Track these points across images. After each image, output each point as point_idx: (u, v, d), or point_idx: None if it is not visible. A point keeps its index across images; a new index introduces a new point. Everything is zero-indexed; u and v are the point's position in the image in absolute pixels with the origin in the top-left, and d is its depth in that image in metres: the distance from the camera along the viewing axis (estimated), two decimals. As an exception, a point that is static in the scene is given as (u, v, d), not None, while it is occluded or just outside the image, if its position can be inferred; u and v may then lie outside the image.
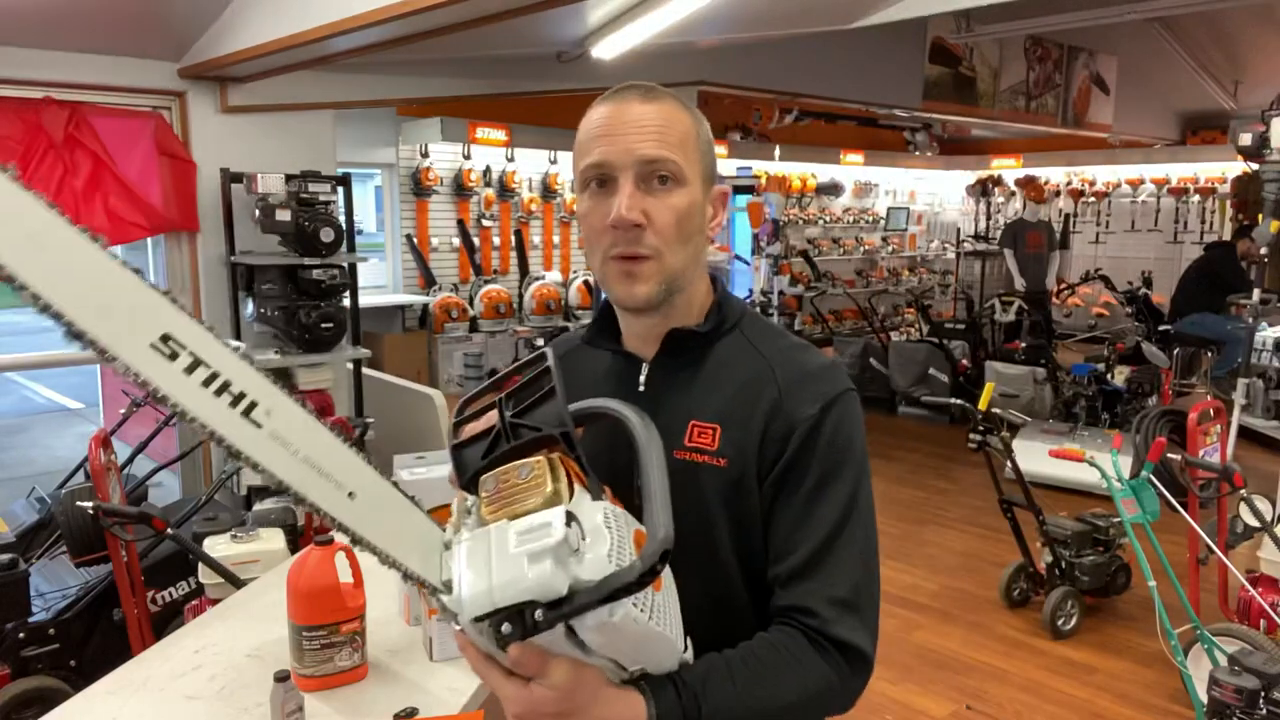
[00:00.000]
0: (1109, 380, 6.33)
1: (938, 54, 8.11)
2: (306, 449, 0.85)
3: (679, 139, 1.06)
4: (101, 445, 2.88)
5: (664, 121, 1.05)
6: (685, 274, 1.08)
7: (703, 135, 1.10)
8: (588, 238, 1.11)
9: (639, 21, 4.69)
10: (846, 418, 1.07)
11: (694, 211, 1.07)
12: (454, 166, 8.50)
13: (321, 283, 4.45)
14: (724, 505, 1.07)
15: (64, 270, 0.72)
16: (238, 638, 1.86)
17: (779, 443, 1.05)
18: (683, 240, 1.06)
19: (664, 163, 1.04)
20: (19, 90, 4.02)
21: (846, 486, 1.05)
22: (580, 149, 1.08)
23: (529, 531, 0.82)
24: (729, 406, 1.08)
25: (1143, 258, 10.76)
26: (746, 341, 1.13)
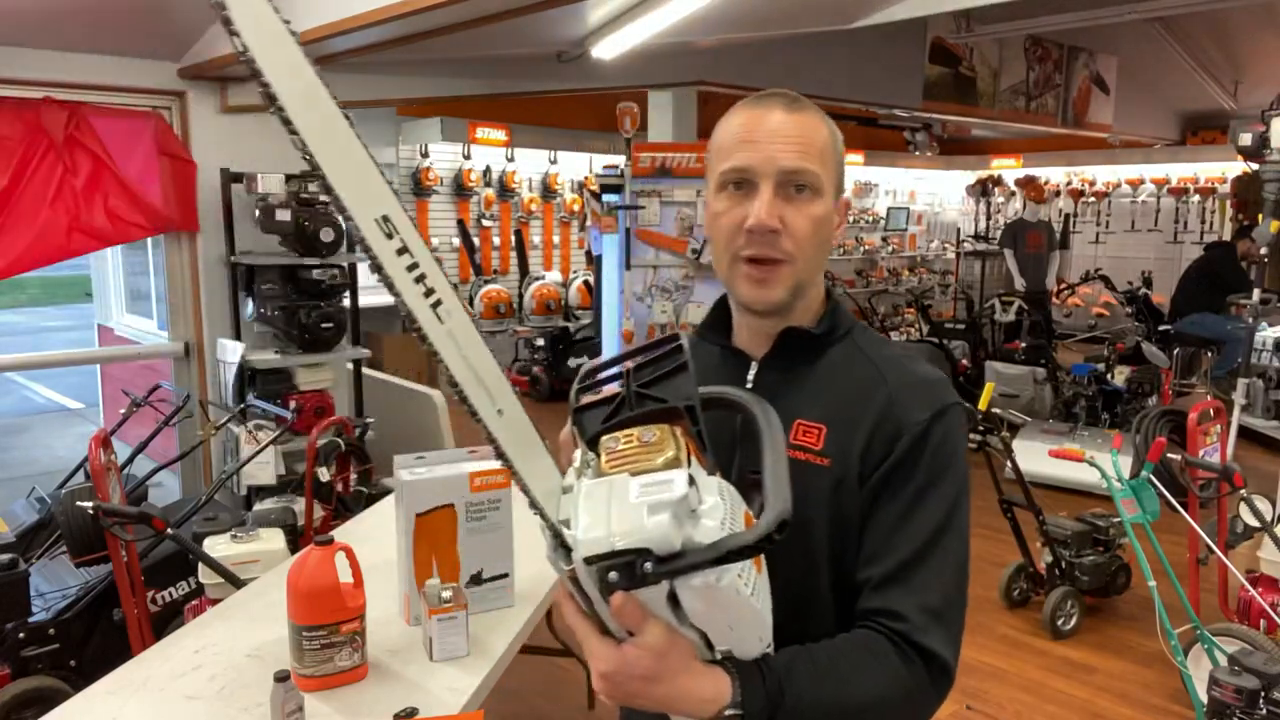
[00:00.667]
0: (1109, 380, 6.33)
1: (938, 54, 8.11)
2: (474, 357, 0.96)
3: (819, 150, 1.09)
4: (101, 445, 2.88)
5: (806, 132, 1.08)
6: (813, 279, 1.12)
7: (838, 148, 1.13)
8: (717, 237, 1.13)
9: (639, 21, 4.69)
10: (954, 429, 1.08)
11: (827, 220, 1.10)
12: (454, 166, 8.51)
13: (321, 283, 4.45)
14: (824, 506, 1.07)
15: (337, 152, 0.98)
16: (238, 638, 1.86)
17: (886, 444, 1.06)
18: (815, 247, 1.10)
19: (804, 173, 1.06)
20: (19, 90, 4.02)
21: (947, 497, 1.05)
22: (720, 151, 1.11)
23: (652, 485, 0.83)
24: (836, 408, 1.09)
25: (1143, 258, 10.76)
26: (857, 348, 1.15)
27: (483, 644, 1.84)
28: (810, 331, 1.13)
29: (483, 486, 1.89)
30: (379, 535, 2.58)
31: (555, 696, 3.34)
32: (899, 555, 1.03)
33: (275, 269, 4.46)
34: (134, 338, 6.79)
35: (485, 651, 1.82)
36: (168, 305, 4.80)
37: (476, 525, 1.90)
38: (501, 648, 1.86)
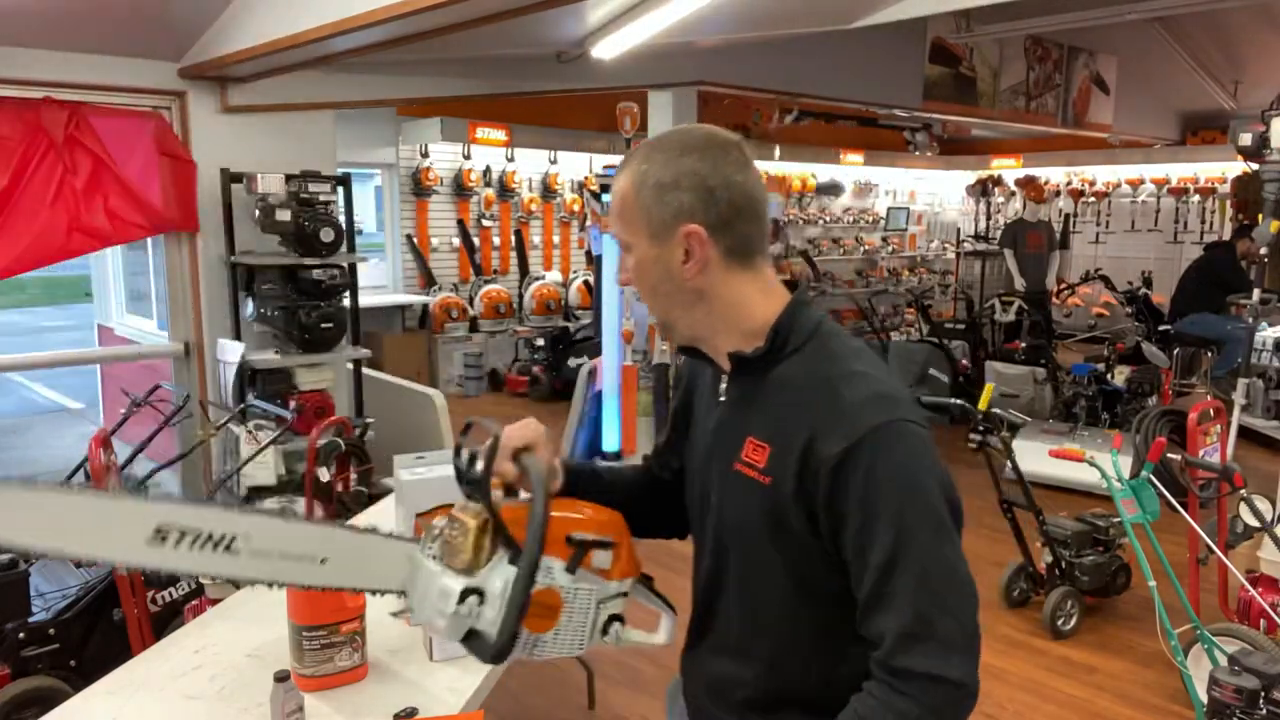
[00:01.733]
0: (1109, 380, 6.32)
1: (938, 54, 8.10)
2: (278, 547, 1.14)
3: (618, 209, 1.18)
4: (101, 445, 2.88)
5: (615, 196, 1.19)
6: (670, 314, 1.21)
7: (640, 193, 1.16)
8: None
9: (639, 21, 4.69)
10: (886, 453, 1.06)
11: (645, 266, 1.18)
12: (454, 166, 8.51)
13: (321, 283, 4.45)
14: (764, 518, 1.15)
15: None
16: (238, 638, 1.86)
17: (812, 477, 1.09)
18: (647, 291, 1.20)
19: (618, 238, 1.20)
20: (19, 90, 4.02)
21: (889, 521, 1.05)
22: None
23: (441, 596, 1.11)
24: (780, 429, 1.14)
25: (1143, 258, 10.76)
26: (807, 365, 1.16)
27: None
28: (747, 357, 1.18)
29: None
30: (379, 535, 2.59)
31: (555, 696, 3.34)
32: (865, 588, 1.07)
33: (275, 269, 4.46)
34: (134, 338, 6.79)
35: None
36: (168, 305, 4.80)
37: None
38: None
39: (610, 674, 3.42)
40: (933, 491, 1.08)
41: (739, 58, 6.41)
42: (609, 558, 1.18)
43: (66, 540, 1.04)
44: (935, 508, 1.07)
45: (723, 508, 1.21)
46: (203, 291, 4.62)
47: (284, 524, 1.13)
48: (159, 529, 1.03)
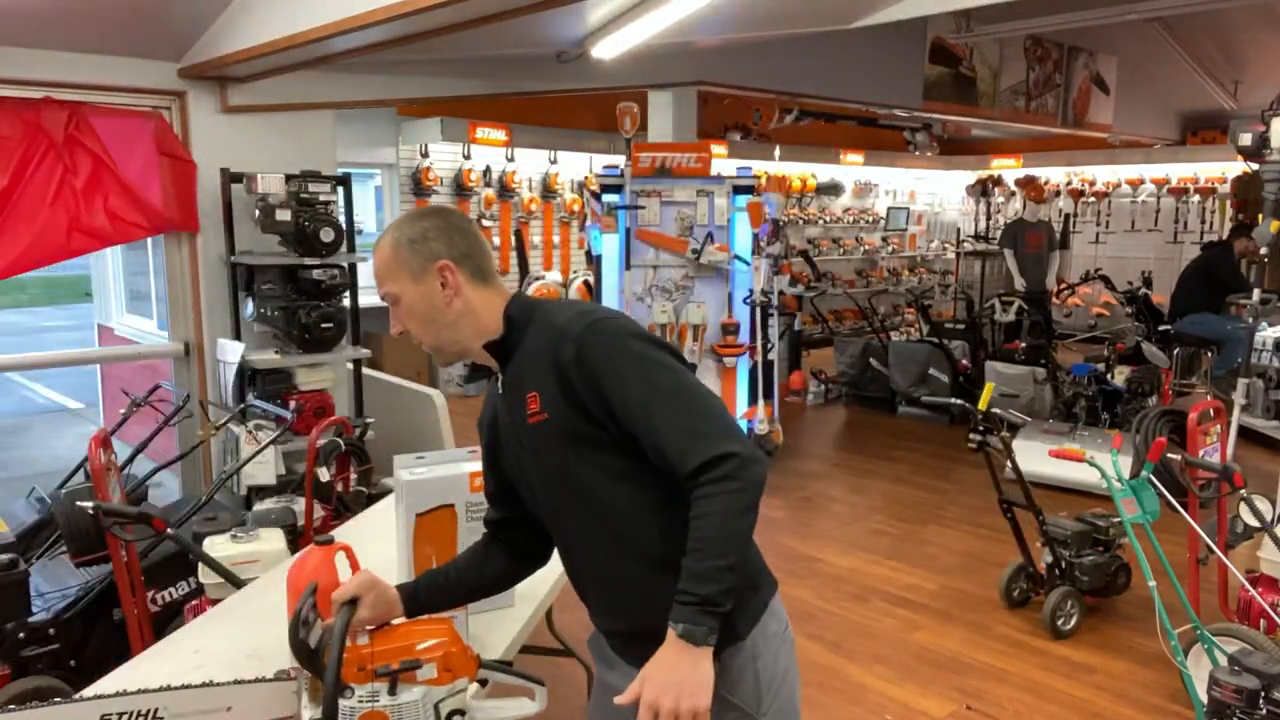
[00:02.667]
0: (1109, 380, 6.32)
1: (938, 54, 8.11)
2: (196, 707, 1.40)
3: (388, 271, 1.50)
4: (101, 445, 2.88)
5: (379, 265, 1.51)
6: (450, 333, 1.52)
7: (398, 253, 1.49)
8: None
9: (639, 21, 4.69)
10: (600, 339, 1.39)
11: (418, 303, 1.49)
12: (454, 166, 8.50)
13: (321, 283, 4.45)
14: (556, 445, 1.45)
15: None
16: (238, 638, 1.86)
17: (567, 385, 1.40)
18: (422, 325, 1.51)
19: (385, 295, 1.51)
20: (19, 90, 4.02)
21: (633, 373, 1.37)
22: None
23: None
24: (536, 376, 1.45)
25: (1143, 258, 10.76)
26: (536, 328, 1.48)
27: (483, 644, 1.84)
28: (494, 342, 1.51)
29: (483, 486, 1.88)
30: (379, 535, 2.58)
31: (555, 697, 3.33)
32: (649, 436, 1.36)
33: (275, 269, 4.46)
34: (134, 338, 6.79)
35: (485, 651, 1.82)
36: (168, 305, 4.80)
37: (477, 525, 1.87)
38: (501, 648, 1.87)
39: (610, 674, 3.42)
40: (645, 346, 1.40)
41: (739, 58, 6.42)
42: (434, 668, 1.38)
43: None
44: (651, 356, 1.39)
45: (543, 466, 1.49)
46: (203, 291, 4.62)
47: (194, 691, 1.41)
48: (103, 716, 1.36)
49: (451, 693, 1.39)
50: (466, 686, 1.42)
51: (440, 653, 1.39)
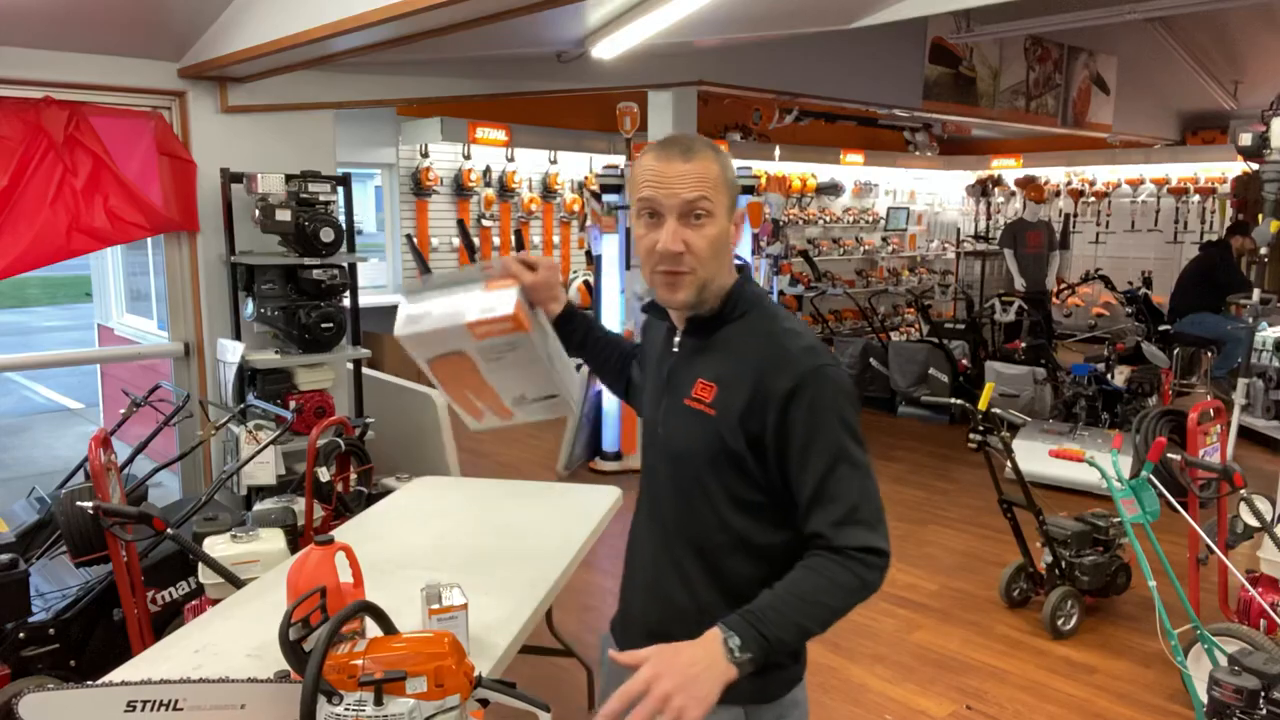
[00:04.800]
0: (1109, 380, 6.33)
1: (938, 54, 8.11)
2: (212, 701, 1.46)
3: (713, 183, 1.39)
4: (101, 445, 2.88)
5: (701, 171, 1.38)
6: (715, 280, 1.44)
7: (728, 177, 1.42)
8: (639, 253, 1.47)
9: (639, 21, 4.69)
10: (822, 388, 1.37)
11: (722, 236, 1.42)
12: (454, 166, 8.50)
13: (321, 283, 4.45)
14: (706, 443, 1.43)
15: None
16: (238, 638, 1.86)
17: (762, 409, 1.38)
18: (712, 258, 1.41)
19: (700, 202, 1.38)
20: (19, 90, 4.02)
21: (834, 438, 1.36)
22: (634, 185, 1.43)
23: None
24: (726, 372, 1.43)
25: (1143, 258, 10.76)
26: (749, 327, 1.46)
27: (483, 644, 1.84)
28: (705, 316, 1.47)
29: (489, 334, 1.56)
30: (379, 535, 2.59)
31: (555, 696, 3.33)
32: (808, 492, 1.36)
33: (275, 269, 4.46)
34: (134, 338, 6.79)
35: (485, 651, 1.82)
36: (168, 305, 4.80)
37: (498, 364, 1.61)
38: (502, 647, 1.87)
39: (610, 674, 3.42)
40: (852, 418, 1.39)
41: (739, 58, 6.42)
42: (424, 682, 1.37)
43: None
44: (855, 430, 1.39)
45: (671, 437, 1.49)
46: (203, 291, 4.62)
47: (214, 686, 1.45)
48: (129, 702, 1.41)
49: (441, 709, 1.37)
50: (458, 704, 1.40)
51: (431, 666, 1.37)
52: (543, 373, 1.62)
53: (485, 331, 1.54)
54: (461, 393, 1.66)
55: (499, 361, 1.59)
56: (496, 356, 1.58)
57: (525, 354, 1.59)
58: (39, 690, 1.44)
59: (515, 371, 1.61)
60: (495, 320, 1.53)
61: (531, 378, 1.63)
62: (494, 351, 1.57)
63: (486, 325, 1.53)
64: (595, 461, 6.03)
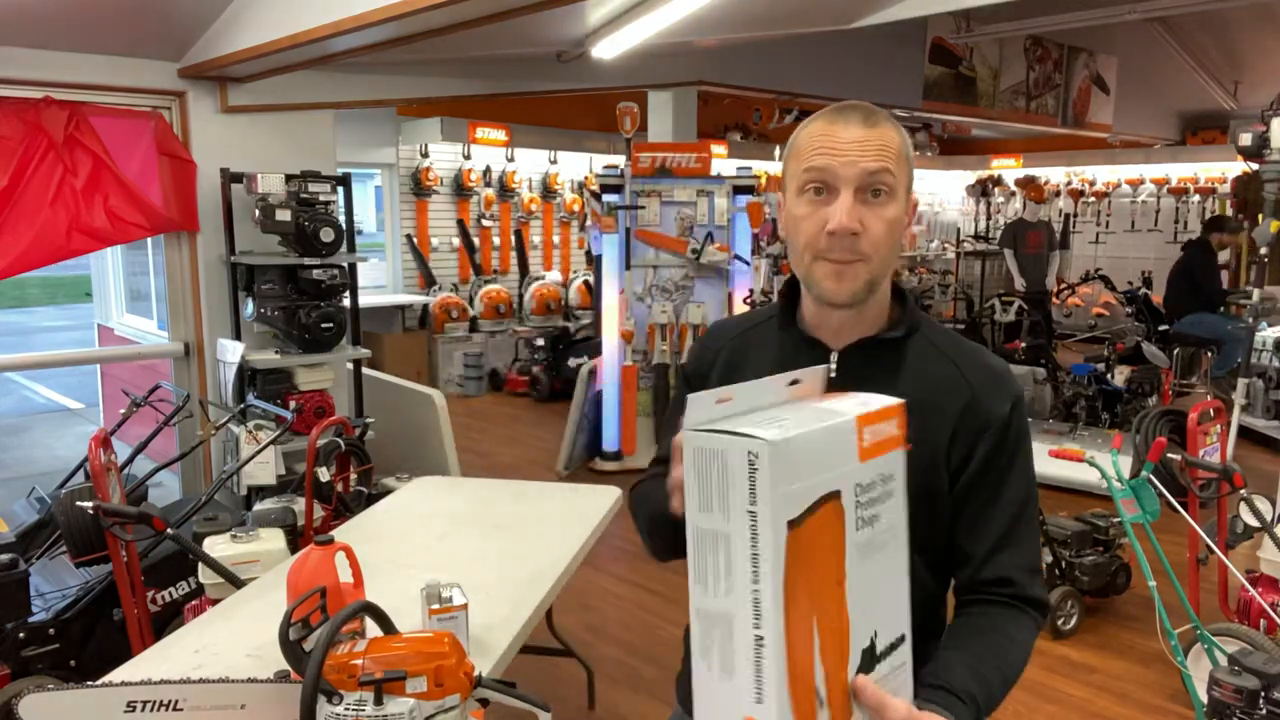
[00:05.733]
0: (1109, 380, 6.33)
1: (938, 54, 8.11)
2: (211, 701, 1.44)
3: (894, 155, 1.16)
4: (101, 445, 2.88)
5: (882, 140, 1.16)
6: (884, 276, 1.21)
7: (909, 153, 1.20)
8: (796, 239, 1.20)
9: (639, 21, 4.69)
10: (1025, 412, 1.24)
11: (900, 221, 1.18)
12: (454, 166, 8.51)
13: (321, 283, 4.45)
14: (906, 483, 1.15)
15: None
16: (238, 638, 1.86)
17: (973, 434, 1.21)
18: (889, 247, 1.18)
19: (882, 174, 1.14)
20: (19, 90, 4.02)
21: (1027, 471, 1.23)
22: (799, 153, 1.18)
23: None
24: (919, 397, 1.11)
25: (1143, 258, 10.76)
26: (929, 342, 1.27)
27: (483, 644, 1.84)
28: (887, 339, 1.25)
29: (877, 448, 0.90)
30: (379, 535, 2.59)
31: (555, 696, 3.33)
32: (999, 528, 1.20)
33: (275, 269, 4.46)
34: (134, 338, 6.79)
35: (485, 651, 1.82)
36: (168, 305, 4.80)
37: (868, 536, 0.89)
38: (502, 647, 1.87)
39: (610, 674, 3.42)
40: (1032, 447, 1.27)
41: (739, 58, 6.42)
42: (424, 681, 1.34)
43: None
44: (1033, 461, 1.26)
45: None
46: (203, 291, 4.62)
47: (214, 686, 1.43)
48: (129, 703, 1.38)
49: (441, 709, 1.37)
50: (458, 704, 1.41)
51: (431, 666, 1.37)
52: (898, 574, 0.93)
53: (874, 444, 0.89)
54: (804, 621, 0.81)
55: (870, 529, 0.88)
56: (870, 514, 0.88)
57: (895, 513, 0.92)
58: (39, 690, 1.43)
59: (878, 564, 0.89)
60: (882, 418, 0.91)
61: (887, 580, 0.92)
62: (870, 497, 0.88)
63: (874, 424, 0.89)
64: (595, 461, 6.03)
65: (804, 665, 0.80)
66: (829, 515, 0.82)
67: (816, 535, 0.80)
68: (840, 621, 0.84)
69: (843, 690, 0.84)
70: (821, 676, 0.82)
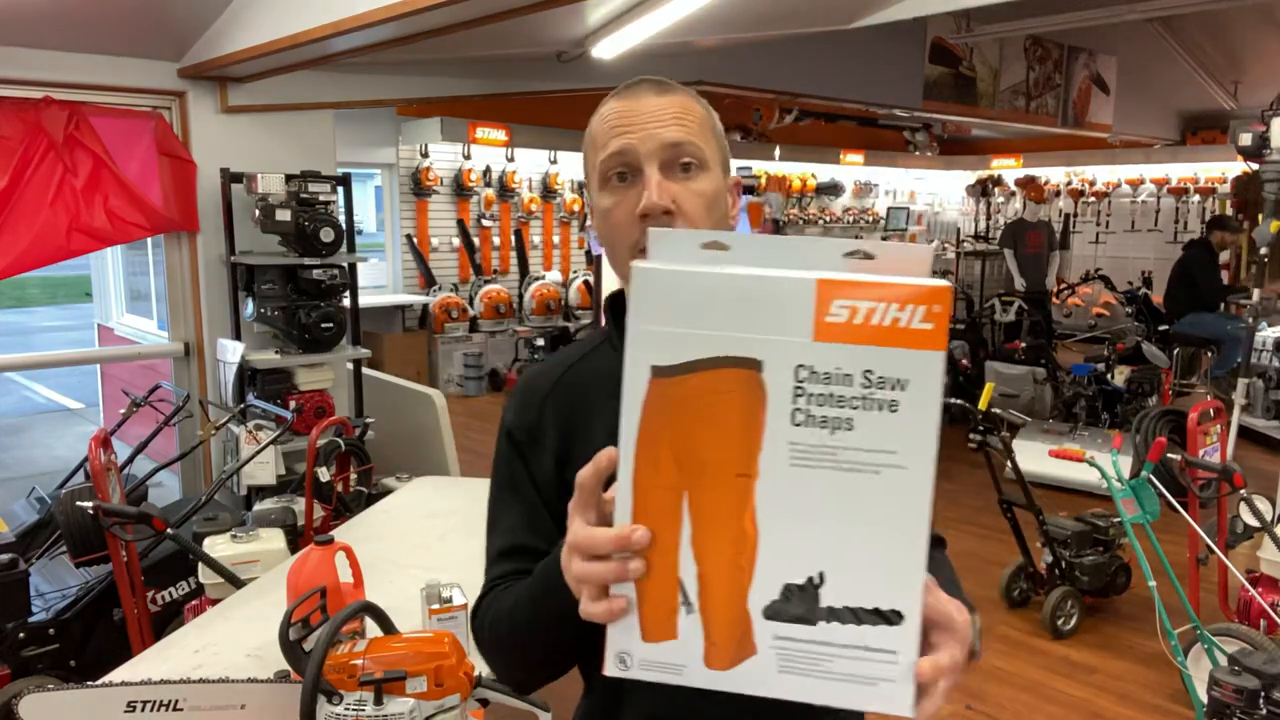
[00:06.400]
0: (1109, 380, 6.33)
1: (938, 54, 8.11)
2: (211, 701, 1.47)
3: (698, 125, 1.05)
4: (101, 445, 2.88)
5: (680, 109, 1.05)
6: None
7: (716, 125, 1.10)
8: (610, 235, 1.06)
9: (639, 21, 4.69)
10: None
11: (720, 196, 1.04)
12: (454, 166, 8.51)
13: (321, 283, 4.45)
14: None
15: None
16: (238, 638, 1.86)
17: None
18: (711, 226, 1.01)
19: (687, 146, 1.02)
20: (19, 90, 4.02)
21: None
22: (596, 143, 1.08)
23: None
24: None
25: (1143, 258, 10.76)
26: None
27: (483, 644, 1.84)
28: None
29: (858, 332, 0.65)
30: (379, 535, 2.59)
31: (555, 696, 3.33)
32: None
33: (275, 269, 4.46)
34: (134, 338, 6.79)
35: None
36: (168, 305, 4.80)
37: (819, 440, 0.66)
38: (501, 648, 1.86)
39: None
40: None
41: (739, 58, 6.42)
42: (424, 681, 1.35)
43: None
44: None
45: None
46: (203, 291, 4.62)
47: (214, 686, 1.44)
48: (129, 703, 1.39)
49: (441, 709, 1.38)
50: (458, 704, 1.41)
51: (431, 666, 1.38)
52: (896, 522, 0.68)
53: (851, 325, 0.65)
54: (664, 512, 0.68)
55: (826, 432, 0.66)
56: (828, 414, 0.66)
57: (896, 435, 0.69)
58: (39, 690, 1.43)
59: (843, 491, 0.67)
60: (883, 295, 0.65)
61: (868, 522, 0.68)
62: (832, 392, 0.66)
63: (859, 298, 0.64)
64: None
65: (664, 544, 0.67)
66: (731, 383, 0.65)
67: (700, 399, 0.66)
68: (738, 525, 0.66)
69: (730, 612, 0.67)
70: (692, 573, 0.67)
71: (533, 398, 1.09)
